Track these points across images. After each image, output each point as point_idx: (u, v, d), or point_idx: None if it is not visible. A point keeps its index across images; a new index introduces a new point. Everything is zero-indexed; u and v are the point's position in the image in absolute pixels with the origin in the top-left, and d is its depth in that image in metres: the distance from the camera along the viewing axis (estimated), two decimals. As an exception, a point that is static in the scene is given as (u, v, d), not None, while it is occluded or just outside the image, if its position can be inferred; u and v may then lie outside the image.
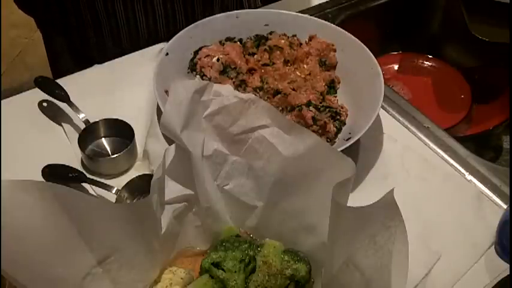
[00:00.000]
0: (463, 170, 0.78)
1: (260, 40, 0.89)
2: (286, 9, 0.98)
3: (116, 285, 0.55)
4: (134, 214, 0.54)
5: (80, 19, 0.96)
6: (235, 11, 0.92)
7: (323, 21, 0.92)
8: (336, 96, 0.84)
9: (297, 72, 0.85)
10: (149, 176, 0.68)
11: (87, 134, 0.78)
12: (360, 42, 0.86)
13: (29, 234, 0.48)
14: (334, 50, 0.88)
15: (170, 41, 0.86)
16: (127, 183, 0.71)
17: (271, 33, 0.90)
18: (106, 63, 0.92)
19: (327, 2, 1.09)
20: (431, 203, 0.74)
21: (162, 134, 0.71)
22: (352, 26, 0.97)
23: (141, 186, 0.71)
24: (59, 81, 0.85)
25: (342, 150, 0.66)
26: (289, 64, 0.86)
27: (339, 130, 0.78)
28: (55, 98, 0.82)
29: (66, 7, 0.95)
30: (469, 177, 0.77)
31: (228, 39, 0.89)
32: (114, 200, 0.70)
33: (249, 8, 1.05)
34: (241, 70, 0.83)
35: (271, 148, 0.60)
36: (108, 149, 0.78)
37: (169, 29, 0.97)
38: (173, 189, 0.60)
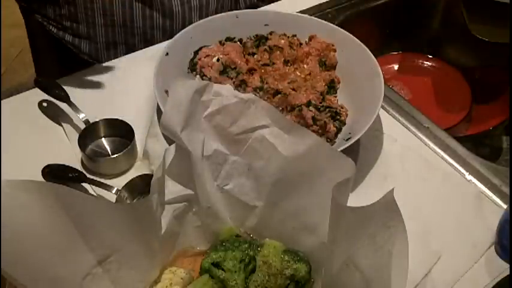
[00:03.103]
0: (463, 170, 0.78)
1: (260, 40, 0.89)
2: (286, 9, 0.98)
3: (115, 285, 0.55)
4: (134, 214, 0.54)
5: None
6: (235, 11, 0.92)
7: (323, 21, 0.92)
8: (336, 96, 0.84)
9: (297, 72, 0.85)
10: (149, 176, 0.68)
11: (87, 134, 0.78)
12: (360, 42, 0.86)
13: (29, 234, 0.48)
14: (334, 50, 0.88)
15: (170, 41, 0.86)
16: (127, 183, 0.71)
17: (271, 33, 0.90)
18: (106, 63, 0.93)
19: (327, 2, 1.09)
20: (431, 203, 0.74)
21: (162, 134, 0.71)
22: (352, 26, 0.97)
23: (141, 186, 0.71)
24: (59, 81, 0.84)
25: (342, 150, 0.66)
26: (289, 64, 0.86)
27: (339, 130, 0.78)
28: (55, 98, 0.82)
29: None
30: (469, 177, 0.77)
31: (228, 39, 0.89)
32: (114, 200, 0.70)
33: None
34: (241, 70, 0.83)
35: (271, 148, 0.60)
36: (108, 149, 0.78)
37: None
38: (173, 189, 0.60)
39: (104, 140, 0.79)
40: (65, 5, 0.95)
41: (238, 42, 0.89)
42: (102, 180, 0.73)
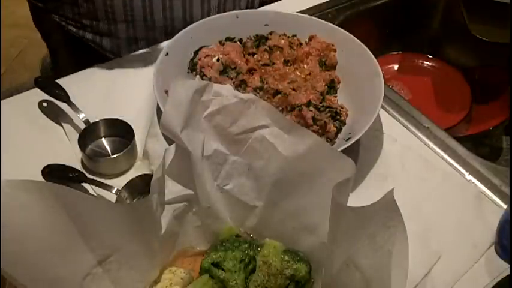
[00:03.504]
0: (463, 170, 0.78)
1: (260, 40, 0.89)
2: (286, 9, 0.98)
3: (115, 285, 0.55)
4: (134, 214, 0.54)
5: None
6: (235, 11, 0.92)
7: (323, 21, 0.92)
8: (336, 96, 0.84)
9: (297, 72, 0.85)
10: (149, 176, 0.68)
11: (87, 134, 0.78)
12: (359, 42, 0.86)
13: (29, 234, 0.48)
14: (334, 50, 0.88)
15: (170, 41, 0.86)
16: (127, 183, 0.71)
17: (271, 33, 0.90)
18: (106, 63, 0.92)
19: (327, 2, 1.09)
20: (431, 203, 0.74)
21: (162, 134, 0.71)
22: (352, 26, 0.97)
23: (141, 186, 0.71)
24: (59, 81, 0.85)
25: (342, 150, 0.66)
26: (289, 64, 0.86)
27: (339, 130, 0.78)
28: (55, 98, 0.82)
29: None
30: (469, 177, 0.77)
31: (228, 39, 0.89)
32: (114, 200, 0.70)
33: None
34: (241, 70, 0.83)
35: (271, 148, 0.60)
36: (108, 149, 0.78)
37: None
38: (173, 189, 0.60)
39: (104, 140, 0.79)
40: (84, 3, 0.95)
41: (238, 42, 0.89)
42: (102, 180, 0.73)
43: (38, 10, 1.06)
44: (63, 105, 0.82)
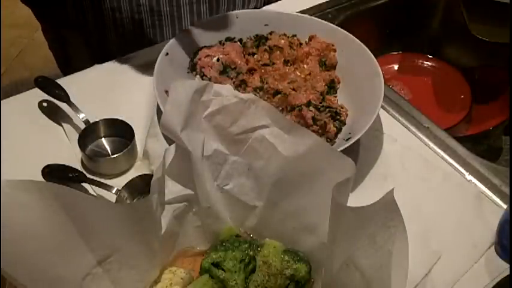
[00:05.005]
0: (463, 170, 0.78)
1: (260, 40, 0.89)
2: (286, 9, 0.98)
3: (115, 285, 0.55)
4: (134, 214, 0.54)
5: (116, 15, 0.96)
6: (235, 11, 0.92)
7: (323, 21, 0.92)
8: (336, 96, 0.84)
9: (297, 72, 0.85)
10: (149, 176, 0.68)
11: (87, 134, 0.78)
12: (359, 42, 0.86)
13: (29, 234, 0.48)
14: (334, 50, 0.88)
15: (170, 41, 0.86)
16: (127, 183, 0.71)
17: (271, 33, 0.90)
18: (106, 63, 0.92)
19: (327, 2, 1.09)
20: (431, 203, 0.74)
21: (162, 134, 0.71)
22: (352, 26, 0.97)
23: (141, 186, 0.71)
24: (59, 81, 0.85)
25: (342, 150, 0.66)
26: (289, 64, 0.86)
27: (339, 130, 0.78)
28: (55, 98, 0.82)
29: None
30: (469, 177, 0.77)
31: (228, 39, 0.90)
32: (114, 200, 0.70)
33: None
34: (241, 70, 0.83)
35: (271, 148, 0.60)
36: (108, 149, 0.78)
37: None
38: (173, 189, 0.60)
39: (104, 140, 0.79)
40: (110, 12, 0.95)
41: (238, 42, 0.89)
42: (102, 180, 0.73)
43: (49, 24, 1.05)
44: (63, 105, 0.82)
